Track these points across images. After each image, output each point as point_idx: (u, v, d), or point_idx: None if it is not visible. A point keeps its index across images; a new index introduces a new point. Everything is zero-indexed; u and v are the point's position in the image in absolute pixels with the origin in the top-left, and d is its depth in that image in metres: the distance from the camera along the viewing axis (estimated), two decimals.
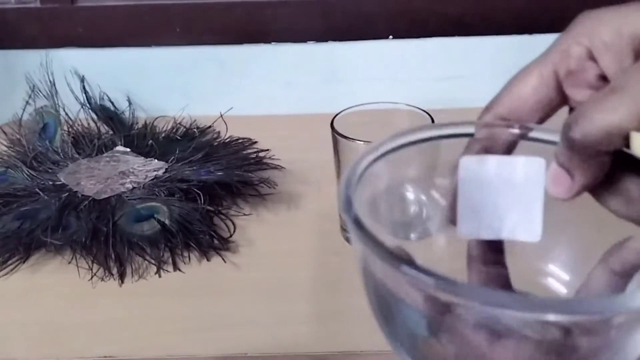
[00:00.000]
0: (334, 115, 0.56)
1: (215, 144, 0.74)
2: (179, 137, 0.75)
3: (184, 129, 0.77)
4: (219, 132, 0.77)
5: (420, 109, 0.56)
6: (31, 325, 0.50)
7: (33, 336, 0.49)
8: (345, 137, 0.53)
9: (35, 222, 0.57)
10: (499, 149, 0.31)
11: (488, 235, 0.31)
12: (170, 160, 0.67)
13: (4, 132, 0.74)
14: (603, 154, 0.26)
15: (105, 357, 0.46)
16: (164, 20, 0.82)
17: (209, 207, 0.60)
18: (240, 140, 0.75)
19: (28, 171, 0.66)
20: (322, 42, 0.82)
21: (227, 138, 0.75)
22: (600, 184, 0.28)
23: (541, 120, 0.30)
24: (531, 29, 0.80)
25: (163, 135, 0.76)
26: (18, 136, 0.72)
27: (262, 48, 0.83)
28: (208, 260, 0.56)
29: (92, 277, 0.54)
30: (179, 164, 0.67)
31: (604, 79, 0.29)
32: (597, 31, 0.28)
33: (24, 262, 0.56)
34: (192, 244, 0.56)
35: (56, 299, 0.52)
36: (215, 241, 0.57)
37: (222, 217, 0.61)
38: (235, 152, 0.72)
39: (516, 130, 0.31)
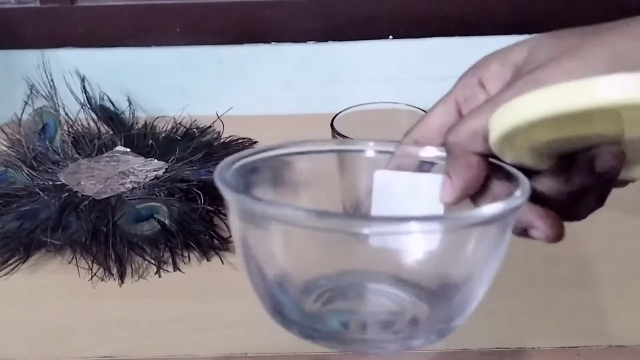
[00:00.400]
0: (334, 115, 0.56)
1: (215, 144, 0.74)
2: (179, 137, 0.75)
3: (184, 129, 0.77)
4: (219, 132, 0.77)
5: (420, 108, 0.56)
6: (31, 325, 0.50)
7: (33, 336, 0.49)
8: (345, 137, 0.53)
9: (35, 222, 0.57)
10: (410, 167, 0.36)
11: (378, 244, 0.34)
12: (170, 160, 0.67)
13: (4, 132, 0.74)
14: (471, 154, 0.31)
15: (105, 357, 0.46)
16: (164, 20, 0.82)
17: (209, 207, 0.60)
18: (240, 140, 0.75)
19: (28, 171, 0.66)
20: (322, 42, 0.82)
21: (227, 138, 0.75)
22: (476, 194, 0.33)
23: (444, 143, 0.34)
24: (531, 29, 0.80)
25: (163, 135, 0.76)
26: (18, 136, 0.72)
27: (262, 48, 0.83)
28: (208, 260, 0.56)
29: (92, 277, 0.54)
30: (179, 164, 0.67)
31: None
32: (487, 64, 0.35)
33: (24, 262, 0.56)
34: (192, 244, 0.56)
35: (56, 299, 0.52)
36: (215, 241, 0.57)
37: (222, 217, 0.61)
38: (235, 152, 0.71)
39: (425, 152, 0.36)
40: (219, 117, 0.78)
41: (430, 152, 0.36)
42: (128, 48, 0.83)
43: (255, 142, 0.74)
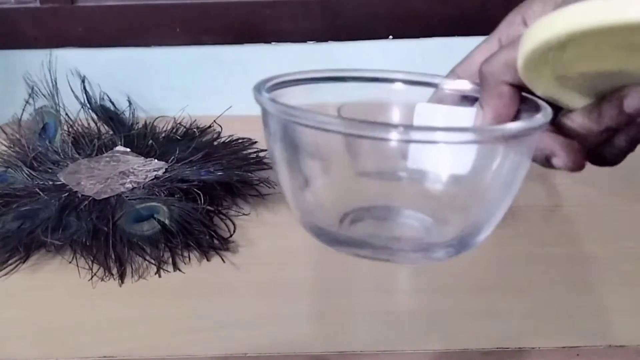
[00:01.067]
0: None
1: (215, 144, 0.74)
2: (179, 137, 0.75)
3: (184, 129, 0.77)
4: (219, 132, 0.77)
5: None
6: (31, 325, 0.50)
7: (33, 336, 0.49)
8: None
9: (35, 222, 0.57)
10: (451, 101, 0.38)
11: (414, 165, 0.37)
12: (170, 160, 0.68)
13: (4, 132, 0.74)
14: (501, 83, 0.32)
15: (105, 357, 0.46)
16: (164, 20, 0.82)
17: (209, 207, 0.60)
18: (240, 140, 0.75)
19: (28, 171, 0.66)
20: (322, 42, 0.83)
21: (227, 138, 0.75)
22: None
23: None
24: None
25: (163, 135, 0.76)
26: (18, 136, 0.72)
27: (262, 48, 0.83)
28: (208, 260, 0.56)
29: (92, 277, 0.54)
30: (179, 164, 0.67)
31: None
32: (530, 3, 0.36)
33: (24, 262, 0.56)
34: (192, 244, 0.56)
35: (56, 298, 0.52)
36: (215, 241, 0.57)
37: (222, 217, 0.61)
38: (235, 152, 0.72)
39: (465, 87, 0.38)
40: (218, 118, 0.78)
41: (470, 86, 0.38)
42: (128, 48, 0.83)
43: (255, 142, 0.74)
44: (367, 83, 0.43)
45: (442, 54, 0.82)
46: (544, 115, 0.31)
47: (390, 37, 0.83)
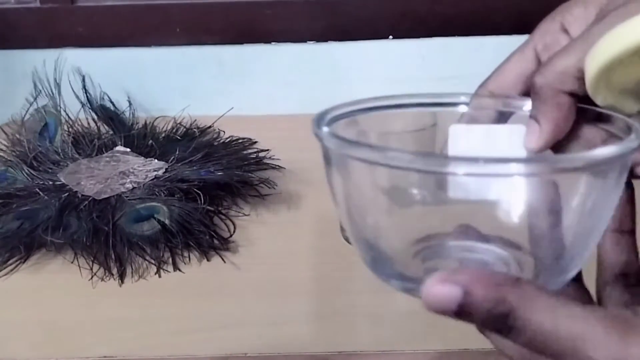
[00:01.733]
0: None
1: (215, 144, 0.74)
2: (179, 137, 0.75)
3: (184, 129, 0.77)
4: (219, 132, 0.77)
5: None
6: (31, 325, 0.50)
7: (33, 336, 0.49)
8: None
9: (36, 222, 0.57)
10: (486, 119, 0.35)
11: (477, 197, 0.32)
12: (170, 160, 0.67)
13: (4, 132, 0.74)
14: (560, 93, 0.30)
15: (105, 357, 0.46)
16: (164, 20, 0.82)
17: (209, 207, 0.60)
18: (240, 140, 0.75)
19: (28, 171, 0.66)
20: (322, 42, 0.83)
21: (227, 138, 0.75)
22: (562, 141, 0.31)
23: (522, 92, 0.34)
24: (531, 29, 0.80)
25: (163, 135, 0.76)
26: (18, 136, 0.72)
27: (262, 48, 0.83)
28: (208, 260, 0.56)
29: (92, 277, 0.54)
30: (179, 164, 0.67)
31: None
32: (569, 8, 0.33)
33: (24, 262, 0.56)
34: (192, 244, 0.56)
35: (56, 299, 0.52)
36: (215, 241, 0.57)
37: (222, 217, 0.61)
38: (235, 152, 0.72)
39: (499, 102, 0.34)
40: (219, 118, 0.78)
41: (507, 102, 0.34)
42: (128, 48, 0.83)
43: (255, 142, 0.74)
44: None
45: (442, 54, 0.82)
46: (637, 134, 0.27)
47: (390, 37, 0.83)
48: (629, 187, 0.31)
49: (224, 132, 0.76)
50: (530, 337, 0.23)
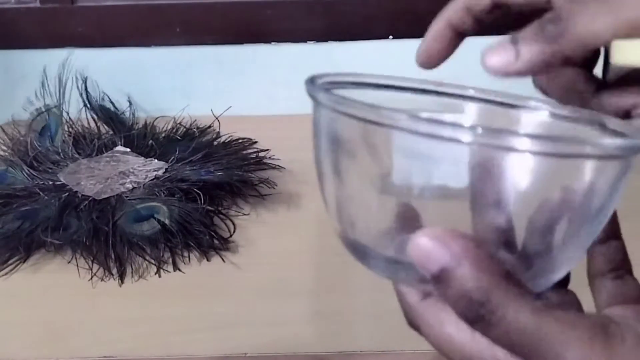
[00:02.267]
0: None
1: (215, 144, 0.74)
2: (179, 137, 0.75)
3: (184, 129, 0.77)
4: (219, 132, 0.77)
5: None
6: (31, 325, 0.50)
7: (33, 336, 0.49)
8: None
9: (35, 222, 0.57)
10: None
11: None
12: (170, 160, 0.68)
13: (4, 132, 0.74)
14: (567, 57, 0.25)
15: (105, 357, 0.46)
16: (164, 20, 0.82)
17: (209, 207, 0.60)
18: (240, 140, 0.75)
19: (28, 171, 0.66)
20: (322, 42, 0.82)
21: (227, 138, 0.75)
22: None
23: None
24: None
25: (163, 135, 0.76)
26: (18, 136, 0.72)
27: (262, 48, 0.83)
28: (208, 260, 0.56)
29: (92, 277, 0.54)
30: (179, 164, 0.67)
31: None
32: None
33: (24, 262, 0.56)
34: (192, 244, 0.56)
35: (56, 299, 0.52)
36: (215, 241, 0.57)
37: (222, 217, 0.61)
38: (235, 152, 0.72)
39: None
40: (218, 118, 0.78)
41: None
42: (128, 48, 0.83)
43: (255, 142, 0.74)
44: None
45: None
46: None
47: (390, 37, 0.83)
48: None
49: (224, 132, 0.76)
50: (504, 331, 0.22)
